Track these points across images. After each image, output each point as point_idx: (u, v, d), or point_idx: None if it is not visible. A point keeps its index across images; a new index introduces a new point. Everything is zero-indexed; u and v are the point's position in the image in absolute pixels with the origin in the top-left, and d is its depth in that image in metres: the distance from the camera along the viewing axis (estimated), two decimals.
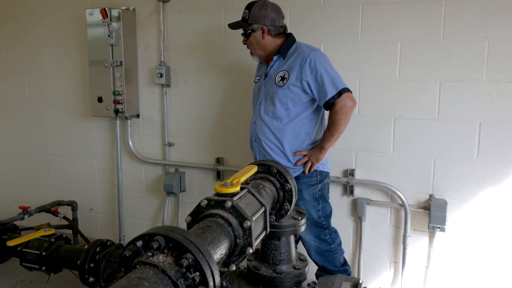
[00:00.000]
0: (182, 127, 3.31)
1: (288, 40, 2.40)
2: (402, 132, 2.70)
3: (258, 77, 2.53)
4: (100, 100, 3.28)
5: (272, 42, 2.39)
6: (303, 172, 2.36)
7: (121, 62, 3.19)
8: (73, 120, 3.66)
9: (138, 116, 3.43)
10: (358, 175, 2.84)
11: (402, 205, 2.71)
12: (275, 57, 2.40)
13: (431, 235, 2.71)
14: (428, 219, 2.64)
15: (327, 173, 2.48)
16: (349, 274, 2.50)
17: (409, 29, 2.61)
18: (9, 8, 3.74)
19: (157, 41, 3.26)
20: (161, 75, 3.22)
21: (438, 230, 2.62)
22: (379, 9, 2.66)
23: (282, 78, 2.31)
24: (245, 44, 2.45)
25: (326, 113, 2.42)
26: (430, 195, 2.67)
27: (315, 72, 2.24)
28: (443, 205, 2.59)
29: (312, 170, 2.36)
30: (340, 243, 2.52)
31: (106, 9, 3.09)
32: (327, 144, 2.32)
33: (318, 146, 2.36)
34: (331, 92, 2.22)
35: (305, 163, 2.36)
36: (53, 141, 3.78)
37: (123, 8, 3.20)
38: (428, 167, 2.67)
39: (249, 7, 2.37)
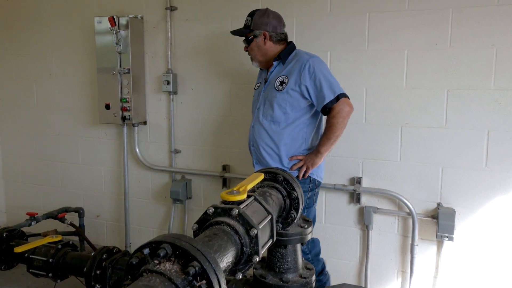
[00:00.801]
0: (189, 134, 3.32)
1: (288, 46, 2.47)
2: (409, 140, 2.69)
3: (258, 84, 2.59)
4: (107, 107, 3.30)
5: (273, 48, 2.45)
6: (297, 176, 2.37)
7: (128, 69, 3.22)
8: (81, 126, 3.69)
9: (145, 123, 3.44)
10: (365, 183, 2.82)
11: (410, 213, 2.68)
12: (275, 63, 2.46)
13: (439, 244, 2.68)
14: (436, 228, 2.61)
15: (320, 182, 2.51)
16: (324, 284, 2.49)
17: (416, 37, 2.61)
18: (21, 16, 3.79)
19: (164, 49, 3.29)
20: (168, 83, 3.25)
21: (447, 239, 2.59)
22: (386, 17, 2.66)
23: (281, 83, 2.36)
24: (246, 50, 2.51)
25: (324, 119, 2.43)
26: (438, 204, 2.65)
27: (313, 77, 2.29)
28: (451, 214, 2.57)
29: (307, 175, 2.36)
30: (318, 253, 2.53)
31: (115, 17, 3.13)
32: (323, 148, 2.34)
33: (314, 150, 2.38)
34: (329, 97, 2.27)
35: (300, 168, 2.37)
36: (60, 147, 3.81)
37: (131, 16, 3.23)
38: (435, 176, 2.65)
39: (251, 14, 2.45)
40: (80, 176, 3.77)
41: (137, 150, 3.46)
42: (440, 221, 2.56)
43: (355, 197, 2.85)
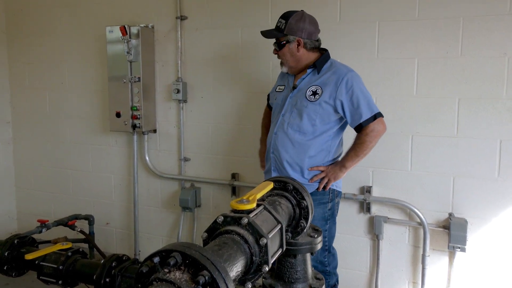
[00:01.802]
0: (198, 142, 3.34)
1: (324, 55, 2.35)
2: (420, 149, 2.67)
3: (282, 87, 2.45)
4: (118, 115, 3.33)
5: (306, 55, 2.32)
6: (317, 188, 2.32)
7: (139, 78, 3.25)
8: (92, 134, 3.73)
9: (155, 131, 3.47)
10: (375, 192, 2.80)
11: (421, 223, 2.65)
12: (308, 70, 2.32)
13: (451, 255, 2.64)
14: (448, 239, 2.57)
15: (339, 192, 2.43)
16: None
17: (426, 46, 2.60)
18: (34, 26, 3.86)
19: (174, 58, 3.32)
20: (178, 91, 3.27)
21: (459, 250, 2.55)
22: (396, 26, 2.66)
23: (314, 93, 2.24)
24: (275, 53, 2.37)
25: (347, 131, 2.40)
26: (450, 214, 2.61)
27: (351, 93, 2.19)
28: (463, 224, 2.53)
29: (328, 187, 2.30)
30: (335, 267, 2.46)
31: (126, 26, 3.17)
32: (350, 163, 2.28)
33: (339, 163, 2.31)
34: (366, 115, 2.20)
35: (322, 179, 2.31)
36: (71, 155, 3.84)
37: (142, 25, 3.27)
38: (447, 185, 2.62)
39: (285, 17, 2.29)
40: (90, 184, 3.80)
41: (147, 158, 3.48)
42: (452, 232, 2.53)
43: (365, 207, 2.82)
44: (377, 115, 2.23)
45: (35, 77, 3.93)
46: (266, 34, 2.37)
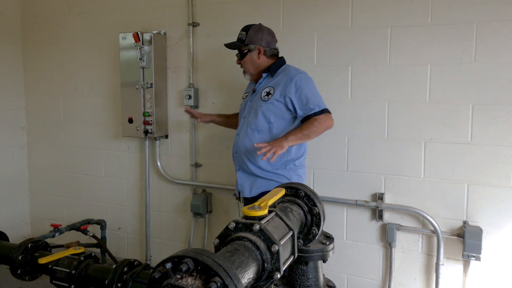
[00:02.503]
0: (210, 148, 3.35)
1: (279, 61, 2.56)
2: (433, 156, 2.64)
3: (246, 94, 2.69)
4: (130, 121, 3.36)
5: (266, 62, 2.54)
6: (263, 158, 2.28)
7: (151, 84, 3.28)
8: (104, 140, 3.76)
9: (166, 136, 3.49)
10: (387, 199, 2.77)
11: (434, 231, 2.61)
12: (264, 75, 2.54)
13: (466, 264, 2.59)
14: (462, 247, 2.52)
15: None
16: None
17: (439, 51, 2.58)
18: (49, 33, 3.93)
19: (186, 64, 3.35)
20: (190, 97, 3.29)
21: (473, 259, 2.50)
22: (408, 32, 2.64)
23: (267, 93, 2.46)
24: (239, 63, 2.59)
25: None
26: (464, 222, 2.57)
27: (299, 92, 2.38)
28: (478, 232, 2.49)
29: (275, 157, 2.25)
30: None
31: (139, 33, 3.21)
32: (292, 137, 2.31)
33: (282, 136, 2.36)
34: (315, 110, 2.35)
35: (268, 150, 2.26)
36: (84, 160, 3.89)
37: (155, 32, 3.31)
38: (461, 193, 2.58)
39: (245, 29, 2.53)
40: (102, 189, 3.83)
41: (159, 163, 3.50)
42: (467, 240, 2.48)
43: (377, 214, 2.79)
44: (325, 111, 2.37)
45: (49, 83, 3.99)
46: (229, 45, 2.58)
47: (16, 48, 4.02)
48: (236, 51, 2.61)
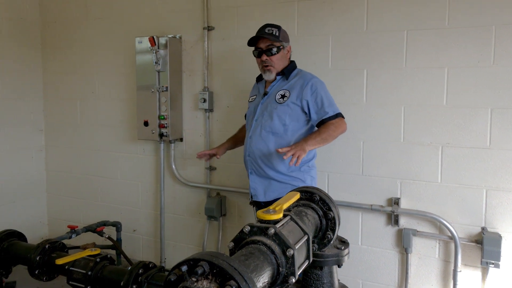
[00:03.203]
0: None
1: (291, 64, 2.56)
2: (451, 160, 2.59)
3: (254, 97, 2.66)
4: (146, 124, 3.40)
5: (287, 63, 2.55)
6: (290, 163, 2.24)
7: (166, 87, 3.31)
8: (120, 143, 3.81)
9: (181, 139, 3.51)
10: (403, 204, 2.73)
11: (452, 237, 2.57)
12: (278, 77, 2.53)
13: (484, 271, 2.54)
14: (480, 254, 2.48)
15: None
16: None
17: (456, 54, 2.54)
18: (67, 38, 4.00)
19: (201, 67, 3.37)
20: (205, 100, 3.31)
21: (492, 266, 2.45)
22: (425, 35, 2.61)
23: (283, 96, 2.46)
24: (265, 59, 2.48)
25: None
26: (483, 228, 2.52)
27: (315, 95, 2.40)
28: (497, 239, 2.43)
29: (299, 162, 2.23)
30: None
31: (155, 37, 3.24)
32: (312, 141, 2.29)
33: (301, 140, 2.34)
34: (329, 114, 2.37)
35: (293, 156, 2.22)
36: (100, 162, 3.94)
37: (170, 36, 3.34)
38: (479, 198, 2.54)
39: (275, 26, 2.50)
40: (118, 191, 3.87)
41: (173, 166, 3.52)
42: (485, 247, 2.43)
43: (393, 219, 2.76)
44: (339, 115, 2.40)
45: (67, 86, 4.06)
46: (267, 35, 2.45)
47: (35, 52, 4.10)
48: (251, 50, 2.57)
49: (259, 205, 2.57)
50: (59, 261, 1.98)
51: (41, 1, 4.09)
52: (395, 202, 2.74)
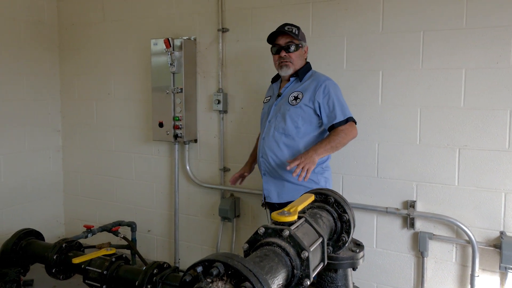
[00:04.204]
0: (238, 152, 3.36)
1: (306, 66, 2.56)
2: (468, 163, 2.55)
3: (268, 98, 2.67)
4: (161, 125, 3.42)
5: (303, 63, 2.55)
6: (299, 179, 2.24)
7: (181, 89, 3.33)
8: (136, 143, 3.85)
9: (195, 141, 3.53)
10: (419, 207, 2.69)
11: (469, 241, 2.52)
12: (291, 79, 2.54)
13: (503, 277, 2.48)
14: (499, 259, 2.43)
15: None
16: None
17: (474, 55, 2.50)
18: (84, 40, 4.06)
19: (215, 69, 3.38)
20: (219, 102, 3.32)
21: (511, 271, 2.40)
22: (442, 35, 2.57)
23: (295, 98, 2.46)
24: (283, 55, 2.48)
25: None
26: (501, 232, 2.47)
27: (327, 97, 2.40)
28: None
29: (308, 176, 2.23)
30: None
31: (170, 39, 3.27)
32: (321, 149, 2.28)
33: (310, 149, 2.32)
34: (339, 118, 2.36)
35: (297, 167, 2.22)
36: (116, 163, 3.98)
37: (185, 38, 3.36)
38: (498, 202, 2.49)
39: (294, 25, 2.52)
40: (133, 191, 3.91)
41: (188, 167, 3.54)
42: (504, 251, 2.38)
43: (408, 222, 2.72)
44: (350, 119, 2.38)
45: (84, 88, 4.12)
46: (288, 32, 2.46)
47: (53, 54, 4.17)
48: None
49: (272, 207, 2.57)
50: (76, 260, 2.01)
51: (59, 5, 4.16)
52: (411, 205, 2.70)
